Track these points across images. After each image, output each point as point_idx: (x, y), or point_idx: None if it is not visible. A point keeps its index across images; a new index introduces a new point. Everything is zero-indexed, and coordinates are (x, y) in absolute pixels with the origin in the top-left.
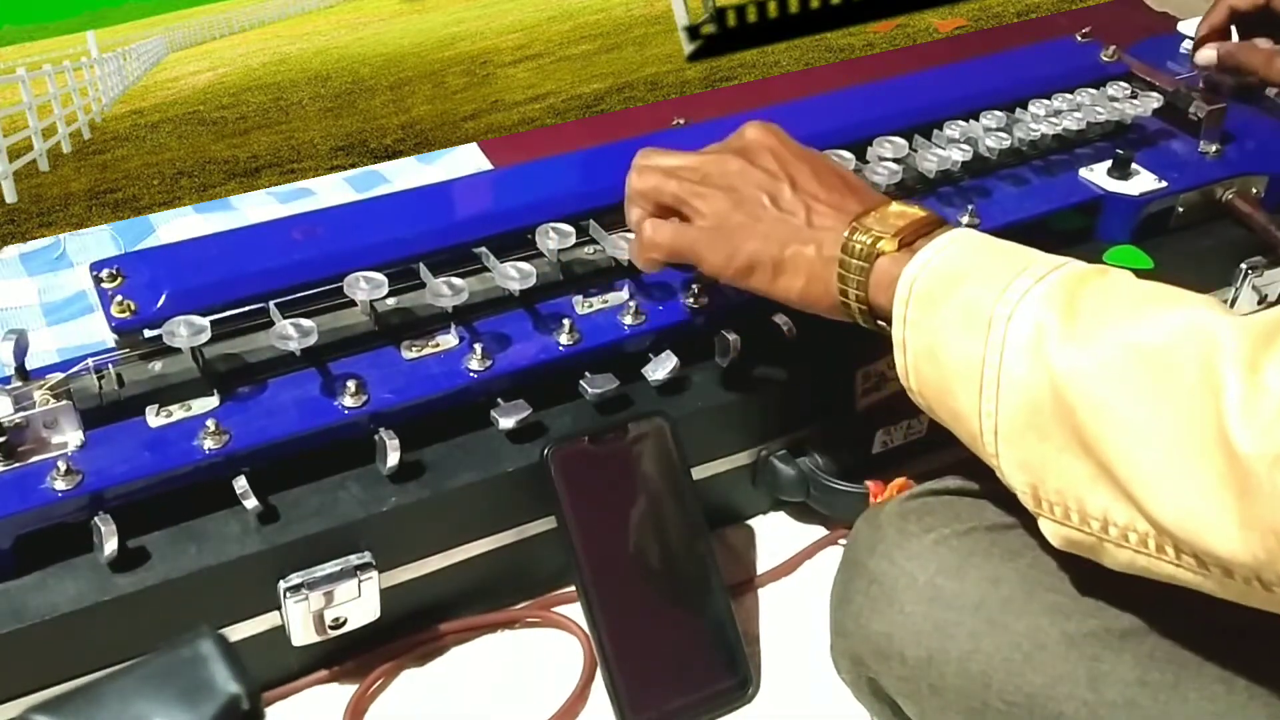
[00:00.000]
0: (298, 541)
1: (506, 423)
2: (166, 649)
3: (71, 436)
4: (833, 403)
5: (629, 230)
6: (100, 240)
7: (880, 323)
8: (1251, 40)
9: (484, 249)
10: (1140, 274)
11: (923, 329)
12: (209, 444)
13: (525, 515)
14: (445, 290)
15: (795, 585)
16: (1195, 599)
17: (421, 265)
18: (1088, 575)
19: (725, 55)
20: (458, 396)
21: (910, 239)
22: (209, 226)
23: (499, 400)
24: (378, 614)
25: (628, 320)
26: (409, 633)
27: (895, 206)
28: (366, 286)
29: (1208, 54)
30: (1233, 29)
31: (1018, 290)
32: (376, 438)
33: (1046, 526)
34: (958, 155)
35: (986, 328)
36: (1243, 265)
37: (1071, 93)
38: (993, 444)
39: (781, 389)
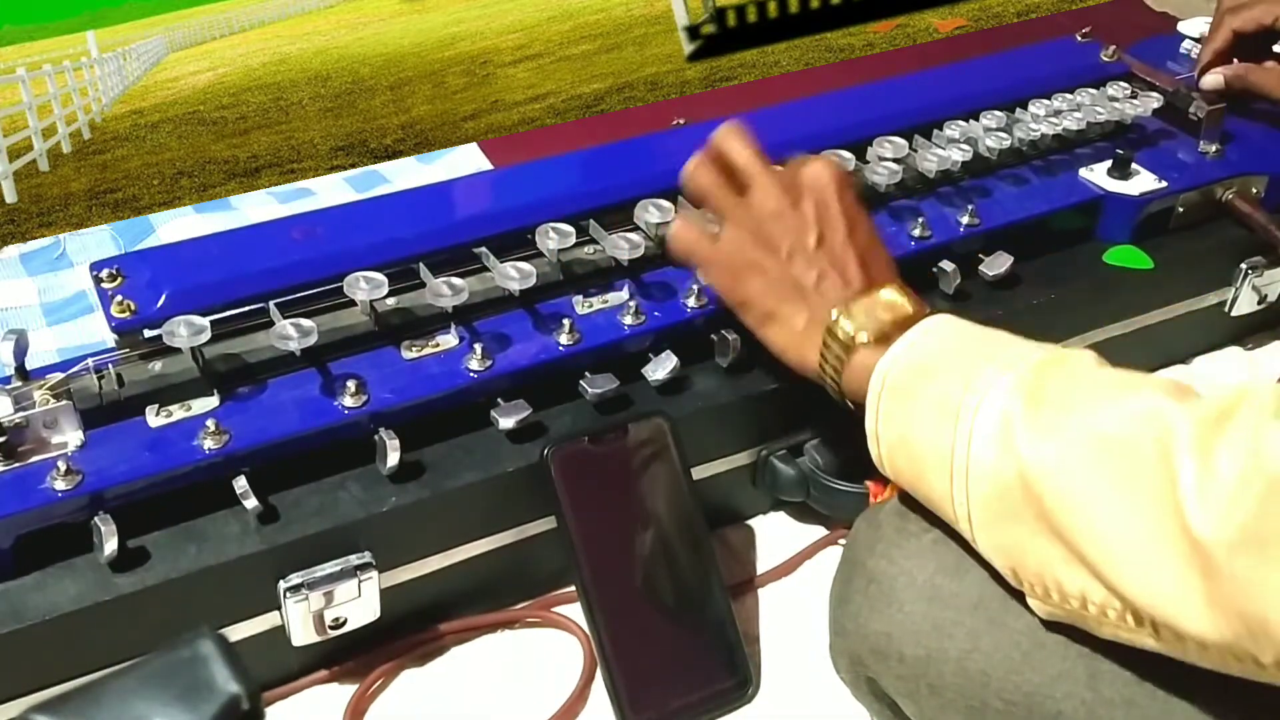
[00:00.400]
0: (298, 541)
1: (506, 423)
2: (166, 649)
3: (71, 436)
4: (832, 403)
5: (629, 230)
6: (100, 240)
7: (849, 402)
8: (1259, 61)
9: (484, 249)
10: (1140, 275)
11: (895, 421)
12: (209, 444)
13: (525, 515)
14: (445, 290)
15: (795, 585)
16: None
17: (421, 265)
18: None
19: (725, 55)
20: (458, 396)
21: (889, 332)
22: (209, 226)
23: (499, 400)
24: (378, 614)
25: (628, 320)
26: (409, 633)
27: (887, 295)
28: (366, 286)
29: (1214, 79)
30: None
31: (985, 381)
32: (376, 438)
33: (1033, 604)
34: (958, 155)
35: (955, 418)
36: (1243, 265)
37: (1071, 93)
38: (969, 530)
39: (781, 389)
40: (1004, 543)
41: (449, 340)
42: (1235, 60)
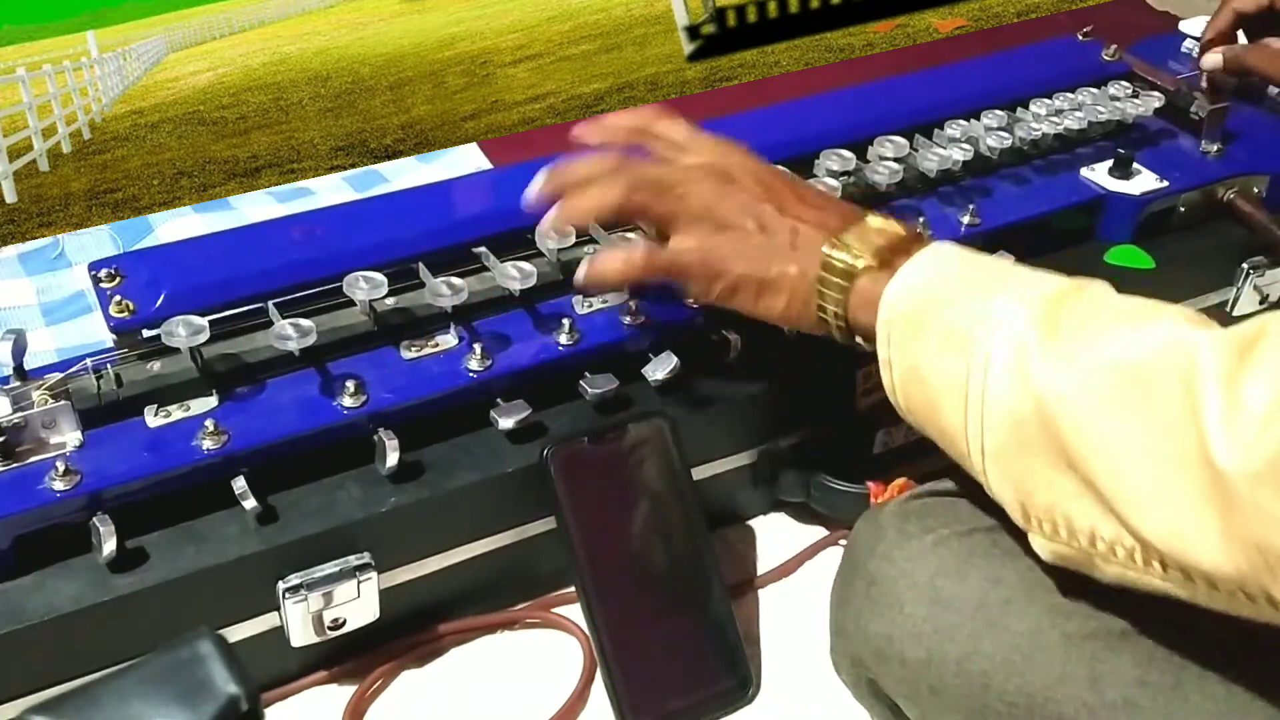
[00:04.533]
0: (297, 542)
1: (506, 423)
2: (165, 649)
3: (70, 437)
4: (833, 403)
5: (630, 229)
6: (99, 240)
7: (859, 340)
8: (1259, 42)
9: (484, 249)
10: (1140, 275)
11: (907, 350)
12: (207, 444)
13: (525, 516)
14: (445, 290)
15: (795, 586)
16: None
17: (421, 265)
18: (1087, 576)
19: (725, 55)
20: (457, 396)
21: (890, 257)
22: (208, 226)
23: (499, 400)
24: (377, 615)
25: (628, 320)
26: (408, 633)
27: (875, 221)
28: (366, 286)
29: (1213, 58)
30: (1239, 32)
31: (999, 309)
32: (376, 438)
33: (1037, 542)
34: (959, 155)
35: (969, 349)
36: (1244, 265)
37: (1073, 92)
38: (980, 462)
39: (781, 389)
40: (1016, 476)
41: (449, 340)
42: (1238, 42)
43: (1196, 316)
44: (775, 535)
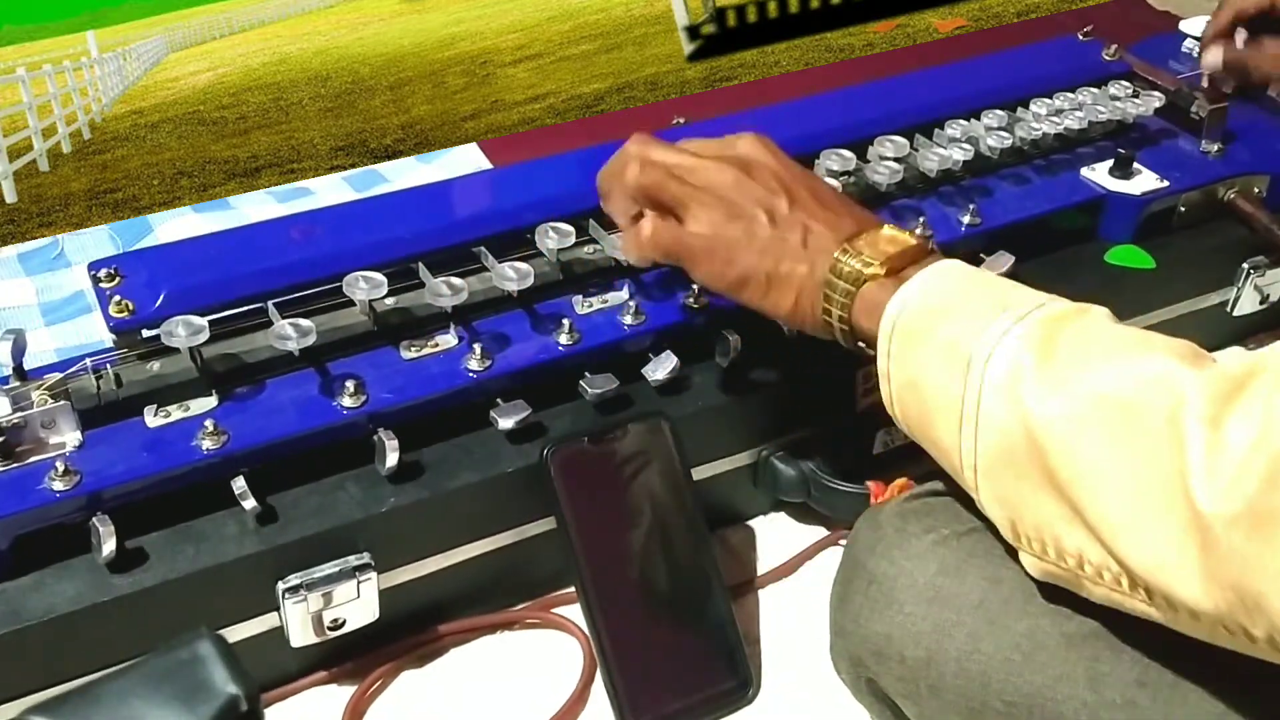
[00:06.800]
0: (296, 542)
1: (506, 423)
2: (165, 650)
3: (69, 437)
4: (833, 403)
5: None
6: (98, 240)
7: (861, 344)
8: (1259, 42)
9: (483, 249)
10: (1141, 275)
11: (905, 363)
12: (207, 444)
13: (525, 516)
14: (444, 290)
15: (795, 586)
16: None
17: (421, 265)
18: None
19: (725, 55)
20: (457, 397)
21: (899, 266)
22: (207, 226)
23: (498, 400)
24: (376, 615)
25: (628, 320)
26: (408, 634)
27: (888, 230)
28: (365, 286)
29: (1213, 57)
30: (1238, 31)
31: (997, 330)
32: (375, 438)
33: (1026, 559)
34: (959, 154)
35: (966, 367)
36: (1245, 265)
37: (1073, 92)
38: (972, 478)
39: (781, 389)
40: (1006, 495)
41: (448, 340)
42: (1237, 41)
43: (1191, 351)
44: (775, 535)
